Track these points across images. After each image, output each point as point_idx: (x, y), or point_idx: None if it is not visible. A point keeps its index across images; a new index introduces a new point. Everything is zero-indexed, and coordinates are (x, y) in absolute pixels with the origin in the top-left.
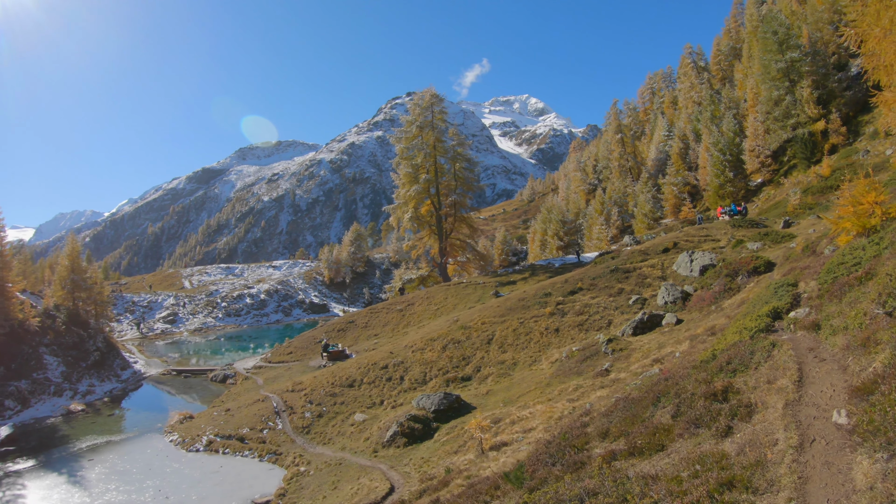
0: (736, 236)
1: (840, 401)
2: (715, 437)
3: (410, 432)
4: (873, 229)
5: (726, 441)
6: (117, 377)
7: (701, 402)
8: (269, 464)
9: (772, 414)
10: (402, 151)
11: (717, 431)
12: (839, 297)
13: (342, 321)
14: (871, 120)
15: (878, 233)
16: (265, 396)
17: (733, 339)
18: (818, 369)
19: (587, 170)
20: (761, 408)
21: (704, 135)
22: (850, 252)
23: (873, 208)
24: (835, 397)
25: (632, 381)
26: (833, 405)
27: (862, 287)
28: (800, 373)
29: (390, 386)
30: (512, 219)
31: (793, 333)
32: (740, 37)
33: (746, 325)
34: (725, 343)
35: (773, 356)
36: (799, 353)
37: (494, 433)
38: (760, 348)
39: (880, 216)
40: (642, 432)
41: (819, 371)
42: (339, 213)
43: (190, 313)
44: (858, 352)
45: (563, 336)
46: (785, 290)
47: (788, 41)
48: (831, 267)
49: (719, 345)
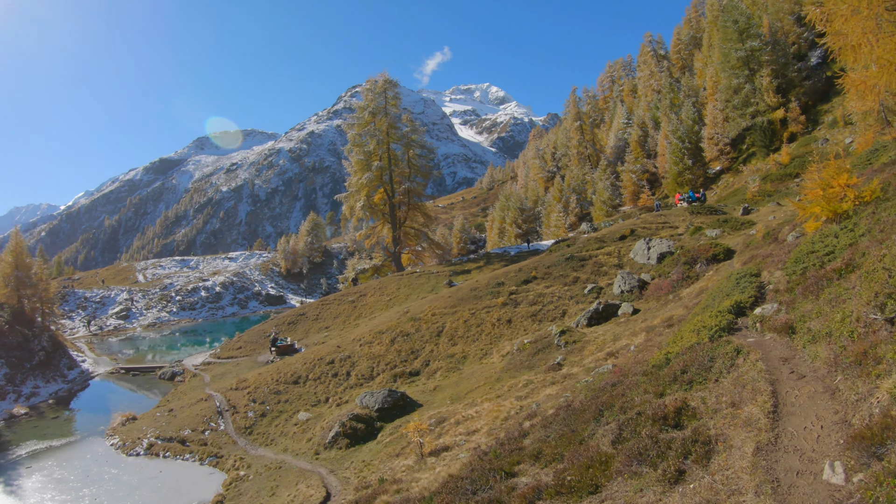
0: (694, 223)
1: (832, 445)
2: (661, 482)
3: (353, 433)
4: (845, 215)
5: (675, 491)
6: (63, 377)
7: (648, 427)
8: (209, 467)
9: (738, 460)
10: (354, 138)
11: (665, 475)
12: (815, 292)
13: (293, 314)
14: (830, 109)
15: (850, 219)
16: (208, 395)
17: (690, 341)
18: (798, 392)
19: (546, 157)
20: (723, 448)
21: (664, 122)
22: (820, 240)
23: (845, 192)
24: (824, 439)
25: (583, 376)
26: (823, 452)
27: (843, 282)
28: (774, 397)
29: (336, 382)
30: (471, 207)
31: (760, 335)
32: (701, 26)
33: (706, 323)
34: (681, 345)
35: (737, 366)
36: (770, 366)
37: (438, 434)
38: (722, 354)
39: (853, 200)
40: (576, 462)
41: (800, 395)
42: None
43: (144, 308)
44: (852, 371)
45: (516, 327)
46: (747, 282)
47: (749, 30)
48: (800, 256)
49: (674, 346)
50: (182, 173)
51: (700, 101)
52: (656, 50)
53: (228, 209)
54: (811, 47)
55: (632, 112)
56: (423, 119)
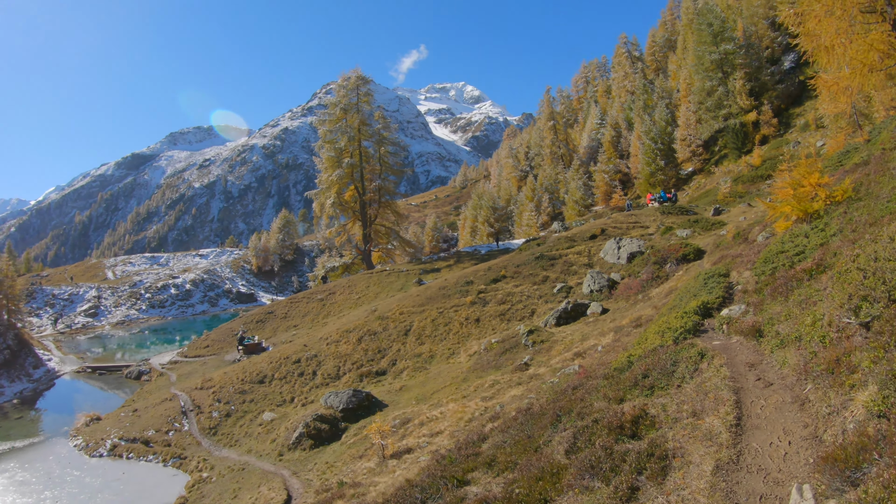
0: (665, 223)
1: (801, 465)
2: (613, 499)
3: (317, 434)
4: (816, 214)
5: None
6: (29, 376)
7: (604, 437)
8: (173, 469)
9: (695, 480)
10: (325, 134)
11: (617, 493)
12: (784, 293)
13: (261, 312)
14: (802, 112)
15: (821, 218)
16: (173, 395)
17: (654, 343)
18: (764, 402)
19: (519, 156)
20: (680, 464)
21: (637, 123)
22: (790, 239)
23: (816, 191)
24: (792, 457)
25: (550, 377)
26: (790, 473)
27: (814, 283)
28: (738, 407)
29: (302, 381)
30: (444, 205)
31: (726, 338)
32: (676, 29)
33: (671, 325)
34: (645, 347)
35: (700, 371)
36: (736, 372)
37: (401, 436)
38: (685, 358)
39: (824, 200)
40: (527, 473)
41: (766, 405)
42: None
43: (113, 306)
44: (823, 380)
45: (484, 326)
46: (715, 282)
47: (723, 33)
48: (769, 256)
49: (638, 348)
50: (154, 169)
51: (673, 102)
52: (631, 51)
53: (201, 206)
54: (785, 51)
55: (605, 112)
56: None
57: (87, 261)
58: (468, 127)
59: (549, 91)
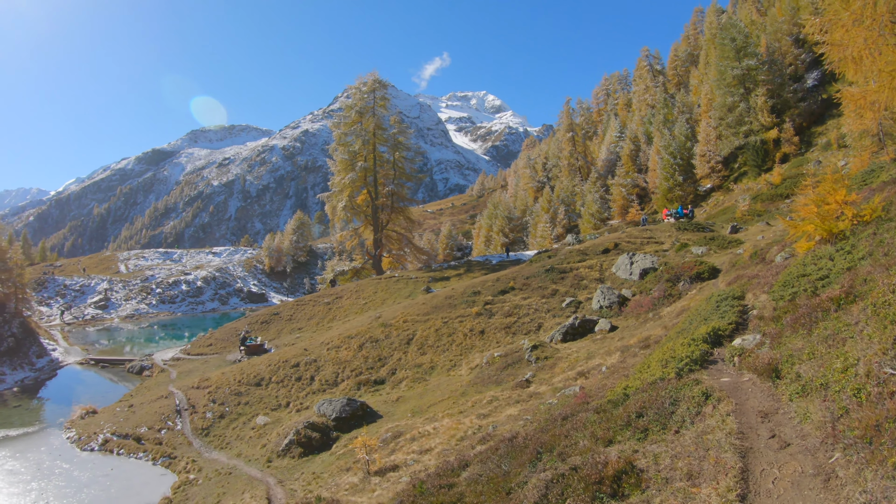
0: (680, 239)
1: None
2: None
3: (307, 442)
4: (841, 235)
5: None
6: (31, 365)
7: (579, 493)
8: (162, 468)
9: None
10: (340, 137)
11: None
12: (807, 325)
13: (267, 313)
14: (824, 131)
15: (847, 240)
16: (169, 393)
17: (655, 374)
18: (778, 472)
19: (537, 167)
20: None
21: (656, 137)
22: (813, 262)
23: (842, 209)
24: None
25: (549, 397)
26: None
27: (843, 315)
28: (743, 478)
29: (299, 386)
30: (460, 213)
31: (737, 373)
32: (698, 44)
33: (676, 353)
34: (645, 377)
35: (703, 415)
36: (744, 423)
37: (391, 450)
38: (688, 397)
39: (851, 219)
40: None
41: (780, 477)
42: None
43: (123, 299)
44: (857, 451)
45: (489, 339)
46: (729, 305)
47: (746, 49)
48: (789, 279)
49: (637, 378)
50: (174, 165)
51: (694, 117)
52: (653, 65)
53: (218, 204)
54: (808, 69)
55: (625, 126)
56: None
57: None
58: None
59: (568, 102)
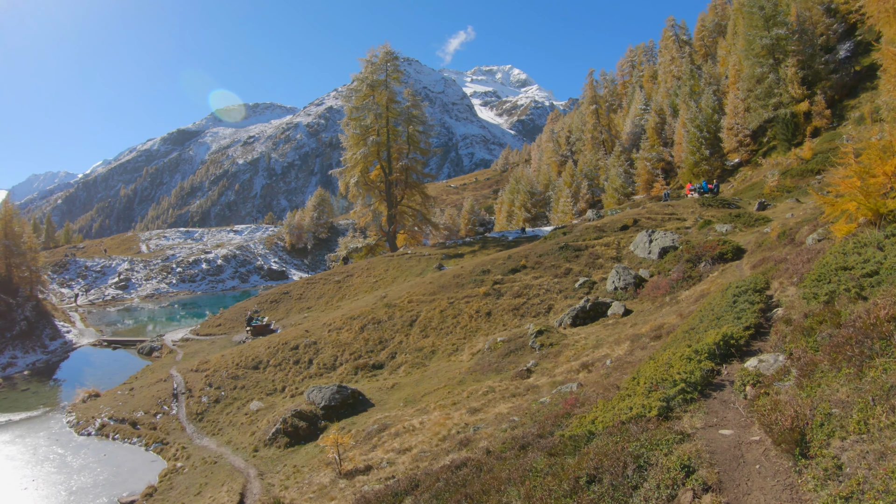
0: (704, 216)
1: None
2: None
3: (294, 431)
4: (891, 216)
5: None
6: (44, 348)
7: None
8: (154, 454)
9: None
10: (351, 111)
11: None
12: (856, 359)
13: (276, 292)
14: (857, 105)
15: (895, 223)
16: (168, 376)
17: (635, 405)
18: None
19: (560, 141)
20: None
21: (682, 110)
22: (855, 250)
23: (892, 182)
24: None
25: (547, 392)
26: None
27: None
28: None
29: (296, 370)
30: (483, 188)
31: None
32: (726, 14)
33: (671, 371)
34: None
35: (677, 501)
36: None
37: (372, 446)
38: (661, 466)
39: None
40: None
41: None
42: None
43: (143, 279)
44: None
45: (495, 321)
46: (748, 302)
47: (775, 17)
48: (825, 272)
49: (610, 410)
50: (199, 144)
51: (721, 89)
52: (679, 35)
53: (244, 182)
54: (840, 39)
55: (650, 98)
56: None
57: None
58: (514, 111)
59: (591, 74)
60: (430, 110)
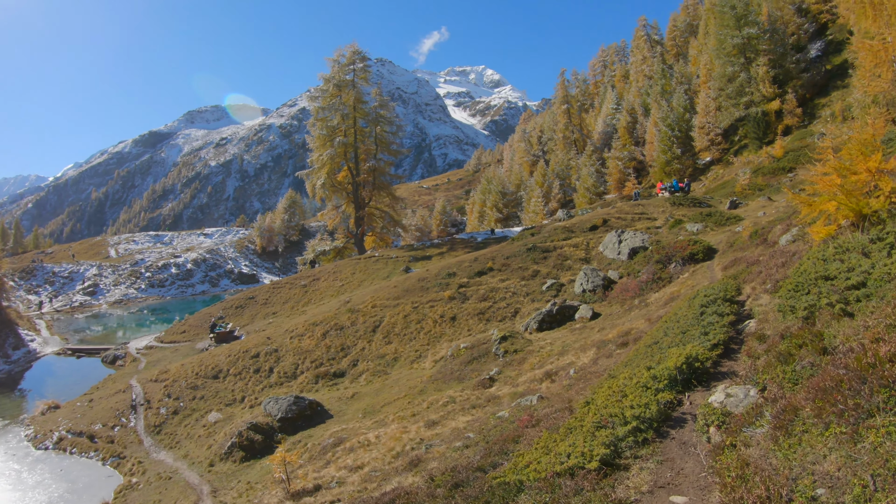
0: (675, 215)
1: None
2: None
3: (249, 445)
4: (875, 218)
5: None
6: (6, 358)
7: None
8: (110, 468)
9: None
10: (318, 111)
11: None
12: (851, 413)
13: (242, 297)
14: (828, 103)
15: (882, 225)
16: (128, 386)
17: (575, 450)
18: None
19: (532, 141)
20: None
21: (654, 109)
22: (836, 255)
23: (876, 181)
24: None
25: (507, 404)
26: None
27: None
28: None
29: (256, 379)
30: (455, 189)
31: (701, 481)
32: (698, 14)
33: (624, 403)
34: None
35: None
36: None
37: (325, 462)
38: None
39: (888, 196)
40: None
41: None
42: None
43: (112, 284)
44: None
45: (460, 326)
46: (717, 314)
47: (747, 17)
48: (803, 280)
49: (546, 454)
50: (171, 147)
51: (693, 88)
52: (650, 35)
53: (216, 184)
54: (811, 39)
55: (622, 97)
56: (417, 99)
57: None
58: (487, 111)
59: (563, 73)
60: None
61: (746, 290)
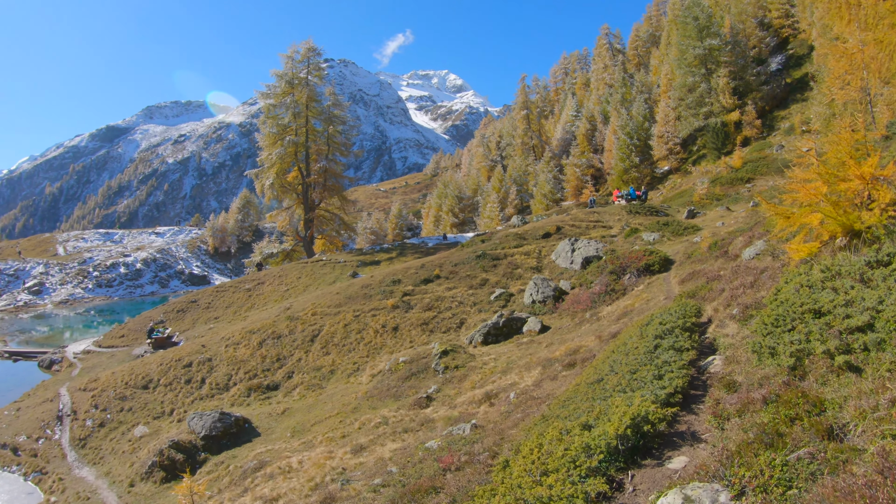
0: (631, 224)
1: None
2: None
3: (170, 465)
4: (871, 235)
5: None
6: None
7: None
8: (32, 485)
9: None
10: (269, 109)
11: None
12: None
13: (184, 300)
14: (787, 116)
15: (879, 245)
16: (56, 395)
17: None
18: None
19: (490, 146)
20: None
21: (613, 117)
22: (826, 283)
23: (870, 190)
24: None
25: (441, 429)
26: None
27: None
28: None
29: (187, 390)
30: (413, 192)
31: None
32: (661, 25)
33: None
34: None
35: None
36: None
37: (243, 490)
38: None
39: (883, 208)
40: None
41: None
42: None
43: (58, 283)
44: None
45: (402, 337)
46: (674, 349)
47: (709, 28)
48: (785, 313)
49: None
50: (128, 142)
51: (653, 98)
52: (613, 44)
53: (173, 182)
54: (772, 53)
55: (582, 105)
56: (378, 101)
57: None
58: (448, 115)
59: (524, 79)
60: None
61: (708, 311)
